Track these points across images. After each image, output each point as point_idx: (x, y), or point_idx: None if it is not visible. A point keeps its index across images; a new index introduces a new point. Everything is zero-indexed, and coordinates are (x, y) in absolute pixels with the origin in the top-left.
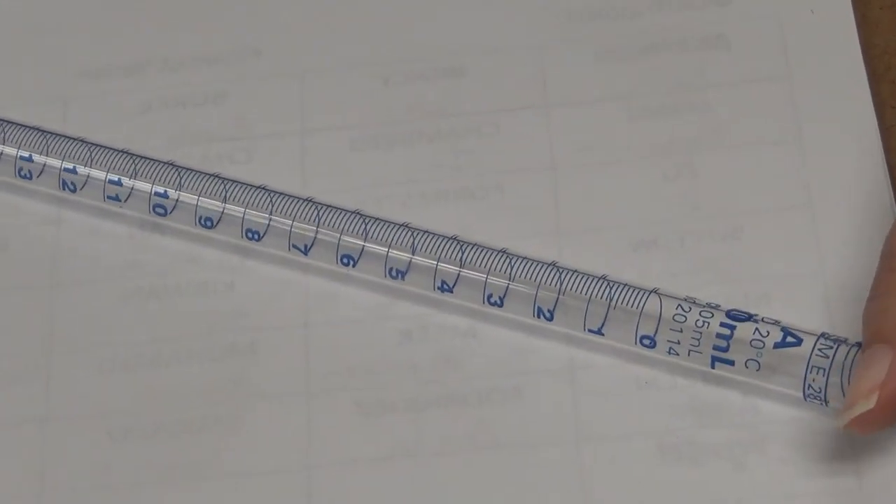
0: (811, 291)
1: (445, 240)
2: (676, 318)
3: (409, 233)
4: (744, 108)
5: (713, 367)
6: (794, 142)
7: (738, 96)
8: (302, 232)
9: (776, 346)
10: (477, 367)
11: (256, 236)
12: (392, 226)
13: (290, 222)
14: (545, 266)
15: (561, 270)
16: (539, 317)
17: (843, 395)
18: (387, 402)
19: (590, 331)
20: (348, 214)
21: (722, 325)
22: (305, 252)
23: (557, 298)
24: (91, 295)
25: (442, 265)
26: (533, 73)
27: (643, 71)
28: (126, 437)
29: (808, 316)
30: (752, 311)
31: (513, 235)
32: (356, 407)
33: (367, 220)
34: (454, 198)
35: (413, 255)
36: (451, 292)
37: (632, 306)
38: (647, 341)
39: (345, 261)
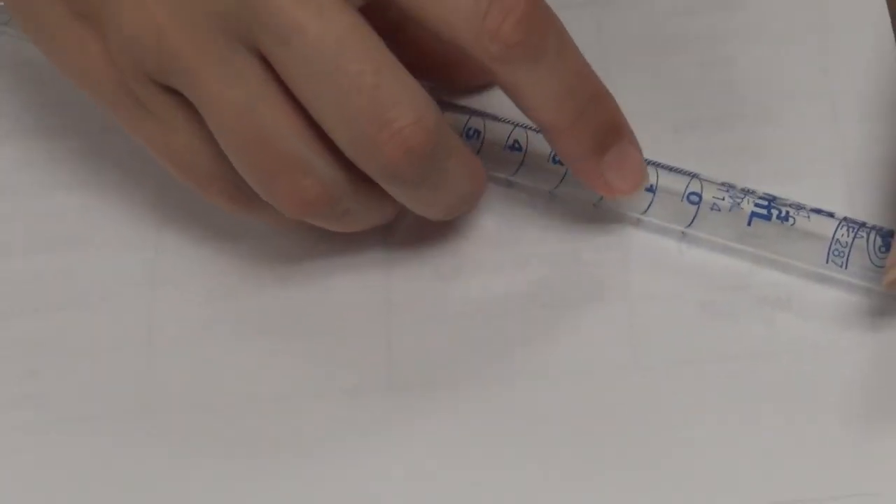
0: (832, 171)
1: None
2: (714, 205)
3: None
4: (775, 3)
5: (749, 223)
6: (821, 32)
7: None
8: None
9: (807, 214)
10: (539, 233)
11: None
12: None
13: None
14: None
15: None
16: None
17: (864, 261)
18: (461, 266)
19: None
20: None
21: (757, 205)
22: None
23: None
24: None
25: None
26: None
27: None
28: (225, 297)
29: (830, 192)
30: (780, 190)
31: None
32: (433, 272)
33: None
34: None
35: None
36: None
37: (675, 189)
38: (694, 197)
39: None
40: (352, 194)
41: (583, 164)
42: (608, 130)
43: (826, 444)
